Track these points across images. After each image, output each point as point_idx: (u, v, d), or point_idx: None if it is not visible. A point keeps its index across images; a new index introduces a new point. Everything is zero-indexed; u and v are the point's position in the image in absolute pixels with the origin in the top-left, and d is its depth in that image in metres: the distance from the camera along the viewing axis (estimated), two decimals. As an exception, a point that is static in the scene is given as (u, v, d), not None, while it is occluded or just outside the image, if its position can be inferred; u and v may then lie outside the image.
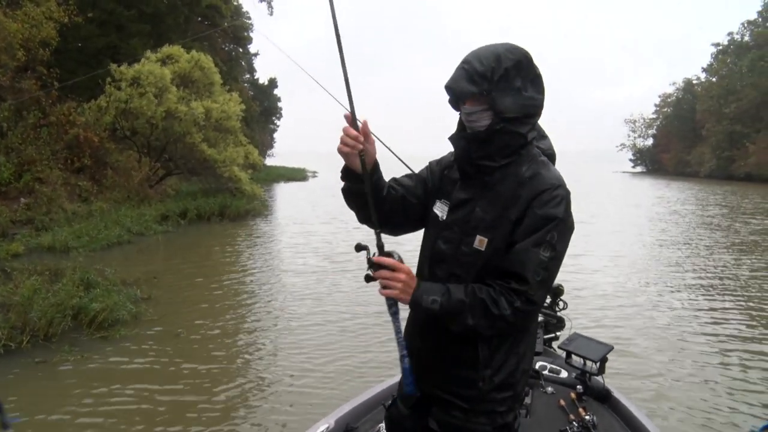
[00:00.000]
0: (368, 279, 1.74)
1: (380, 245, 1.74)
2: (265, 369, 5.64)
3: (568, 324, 4.09)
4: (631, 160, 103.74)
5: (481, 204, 1.75)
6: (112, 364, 5.50)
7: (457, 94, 1.73)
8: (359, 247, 1.76)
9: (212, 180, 18.88)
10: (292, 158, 68.40)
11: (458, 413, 1.81)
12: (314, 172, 50.16)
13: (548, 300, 4.22)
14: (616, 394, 3.33)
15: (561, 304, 4.24)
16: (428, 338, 1.84)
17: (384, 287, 1.68)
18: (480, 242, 1.71)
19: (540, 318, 3.94)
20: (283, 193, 29.44)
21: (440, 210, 1.86)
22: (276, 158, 56.95)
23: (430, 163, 2.00)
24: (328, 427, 2.74)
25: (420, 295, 1.66)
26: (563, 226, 1.67)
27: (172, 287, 8.47)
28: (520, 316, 1.64)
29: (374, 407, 3.01)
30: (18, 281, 7.09)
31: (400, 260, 1.71)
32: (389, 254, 1.70)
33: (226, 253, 12.21)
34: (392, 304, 1.76)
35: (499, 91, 1.65)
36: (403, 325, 1.90)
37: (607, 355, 3.35)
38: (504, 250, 1.68)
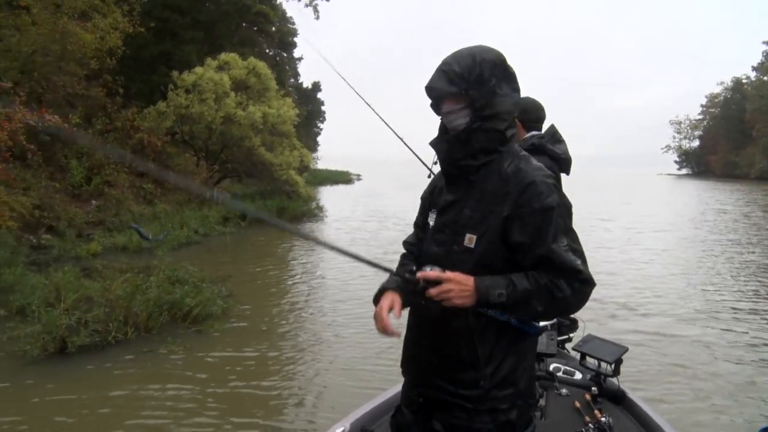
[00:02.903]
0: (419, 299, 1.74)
1: (412, 270, 1.79)
2: (313, 367, 5.82)
3: (581, 325, 4.10)
4: (676, 162, 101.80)
5: (469, 203, 1.80)
6: (212, 354, 5.94)
7: (437, 94, 1.83)
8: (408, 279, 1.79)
9: (268, 183, 19.44)
10: (336, 162, 68.90)
11: (461, 414, 1.83)
12: (358, 175, 50.66)
13: None
14: (632, 395, 3.32)
15: None
16: (429, 342, 1.87)
17: (441, 301, 1.68)
18: (469, 240, 1.76)
19: (553, 320, 3.93)
20: (332, 195, 29.82)
21: (432, 219, 1.93)
22: (320, 162, 57.80)
23: (421, 197, 2.10)
24: (343, 430, 2.76)
25: (486, 292, 1.67)
26: (563, 209, 1.73)
27: (247, 285, 8.91)
28: (579, 296, 1.70)
29: (390, 410, 2.89)
30: (109, 279, 7.60)
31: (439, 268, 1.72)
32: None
33: (289, 252, 12.69)
34: None
35: (475, 89, 1.74)
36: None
37: (622, 357, 3.34)
38: (497, 245, 1.74)
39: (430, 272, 1.67)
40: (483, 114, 1.75)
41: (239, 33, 28.44)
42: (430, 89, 1.82)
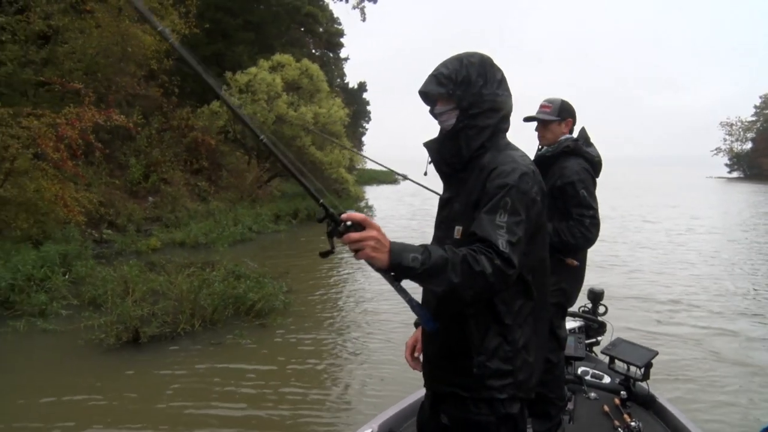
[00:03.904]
0: (326, 254, 1.63)
1: (333, 213, 1.61)
2: (358, 369, 5.84)
3: (609, 329, 4.09)
4: (726, 165, 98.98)
5: (459, 199, 1.87)
6: (278, 346, 6.18)
7: (428, 97, 1.95)
8: (322, 218, 1.62)
9: (318, 181, 19.58)
10: (382, 161, 69.10)
11: (462, 404, 1.85)
12: (404, 175, 50.51)
13: (589, 304, 4.23)
14: (662, 400, 3.30)
15: (602, 308, 4.22)
16: (430, 334, 1.88)
17: (356, 250, 1.55)
18: (458, 232, 1.82)
19: (581, 323, 3.95)
20: (377, 195, 29.99)
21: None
22: (369, 162, 57.90)
23: None
24: None
25: (399, 252, 1.56)
26: (515, 191, 1.70)
27: (304, 281, 9.12)
28: (498, 275, 1.59)
29: (416, 413, 2.96)
30: (173, 273, 7.89)
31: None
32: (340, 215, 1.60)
33: (343, 250, 12.83)
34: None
35: (462, 90, 1.83)
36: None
37: (652, 361, 3.32)
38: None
39: (356, 214, 1.56)
40: (469, 113, 1.84)
41: (289, 34, 28.86)
42: (423, 93, 1.94)
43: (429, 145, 2.00)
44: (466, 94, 1.83)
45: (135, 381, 5.18)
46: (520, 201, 1.71)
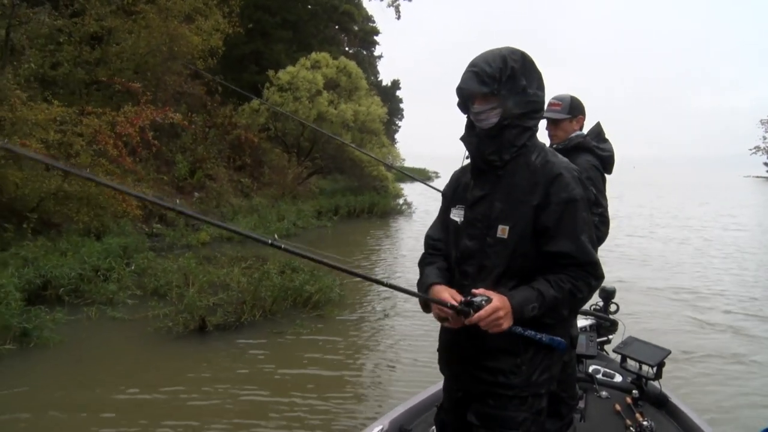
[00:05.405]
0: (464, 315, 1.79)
1: (466, 302, 1.78)
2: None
3: (621, 327, 4.07)
4: (766, 164, 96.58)
5: (499, 196, 1.85)
6: (337, 336, 6.40)
7: (467, 95, 1.86)
8: (461, 311, 1.79)
9: (357, 178, 20.00)
10: (413, 159, 69.24)
11: (496, 402, 1.87)
12: (436, 172, 50.58)
13: (601, 302, 4.21)
14: (675, 399, 3.28)
15: (613, 306, 4.20)
16: (466, 333, 1.88)
17: (492, 329, 1.75)
18: (502, 231, 1.81)
19: (592, 321, 3.92)
20: (413, 191, 30.02)
21: (457, 215, 1.96)
22: (406, 159, 57.83)
23: (443, 193, 2.15)
24: (382, 429, 2.78)
25: (520, 310, 1.75)
26: (586, 202, 1.84)
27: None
28: (593, 292, 1.86)
29: (428, 409, 3.03)
30: (227, 266, 8.19)
31: (487, 298, 1.75)
32: (471, 303, 1.76)
33: (386, 245, 13.31)
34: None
35: (507, 90, 1.79)
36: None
37: (665, 360, 3.30)
38: (531, 234, 1.81)
39: (481, 314, 1.73)
40: (513, 113, 1.82)
41: (326, 32, 29.11)
42: (461, 90, 1.87)
43: (467, 140, 1.98)
44: (511, 93, 1.81)
45: (210, 361, 5.52)
46: (588, 208, 1.89)
